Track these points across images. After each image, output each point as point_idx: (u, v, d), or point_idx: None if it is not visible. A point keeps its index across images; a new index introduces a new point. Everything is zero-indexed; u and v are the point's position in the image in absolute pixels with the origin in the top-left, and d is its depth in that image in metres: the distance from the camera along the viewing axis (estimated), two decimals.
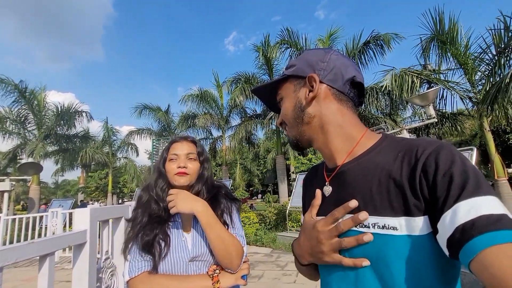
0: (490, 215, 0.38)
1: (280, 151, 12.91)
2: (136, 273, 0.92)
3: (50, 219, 6.00)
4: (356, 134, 0.61)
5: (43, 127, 13.82)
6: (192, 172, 1.04)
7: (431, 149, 0.48)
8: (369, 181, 0.53)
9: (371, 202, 0.52)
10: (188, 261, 0.94)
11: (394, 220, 0.48)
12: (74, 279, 1.01)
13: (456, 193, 0.41)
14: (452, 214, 0.41)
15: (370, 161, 0.56)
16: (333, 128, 0.61)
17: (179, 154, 1.04)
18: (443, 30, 6.04)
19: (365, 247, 0.51)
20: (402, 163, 0.51)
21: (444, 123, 7.60)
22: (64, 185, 43.98)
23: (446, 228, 0.41)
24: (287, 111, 0.66)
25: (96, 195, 28.54)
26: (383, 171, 0.53)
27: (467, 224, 0.39)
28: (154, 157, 11.66)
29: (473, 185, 0.41)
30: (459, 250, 0.39)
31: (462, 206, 0.40)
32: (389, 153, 0.55)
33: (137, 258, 0.95)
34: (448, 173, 0.44)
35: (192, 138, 1.12)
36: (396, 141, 0.57)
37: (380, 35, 8.78)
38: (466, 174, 0.43)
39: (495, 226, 0.37)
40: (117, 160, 18.94)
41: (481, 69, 6.04)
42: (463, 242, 0.38)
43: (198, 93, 14.16)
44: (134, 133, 16.97)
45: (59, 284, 4.16)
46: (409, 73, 6.45)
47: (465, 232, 0.38)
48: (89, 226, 1.07)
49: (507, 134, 13.27)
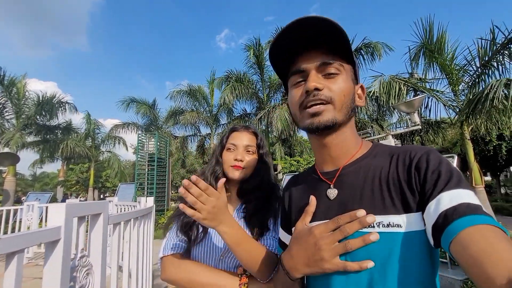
0: (469, 203, 0.43)
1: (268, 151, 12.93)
2: (168, 252, 0.89)
3: (26, 213, 5.72)
4: (358, 141, 0.66)
5: (22, 116, 13.18)
6: (248, 166, 0.98)
7: (422, 152, 0.54)
8: (370, 182, 0.57)
9: (373, 202, 0.54)
10: (220, 254, 0.88)
11: (397, 217, 0.51)
12: (45, 278, 0.95)
13: (441, 186, 0.47)
14: (436, 203, 0.46)
15: (368, 164, 0.60)
16: (351, 131, 0.65)
17: (237, 144, 0.99)
18: (431, 40, 6.22)
19: (369, 247, 0.51)
20: (398, 163, 0.55)
21: (428, 130, 7.85)
22: (43, 177, 42.23)
23: (431, 216, 0.46)
24: (342, 92, 0.58)
25: (76, 189, 27.59)
26: (382, 171, 0.56)
27: (449, 210, 0.43)
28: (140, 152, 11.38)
29: (456, 180, 0.47)
30: (441, 234, 0.43)
31: (445, 196, 0.45)
32: (384, 157, 0.59)
33: (173, 236, 0.91)
34: (436, 170, 0.50)
35: (253, 129, 1.05)
36: (387, 147, 0.63)
37: (371, 43, 8.96)
38: (451, 172, 0.49)
39: (473, 211, 0.42)
40: (100, 154, 18.31)
41: (465, 79, 6.28)
42: (445, 225, 0.43)
43: (187, 89, 13.95)
44: (119, 127, 16.47)
45: (33, 281, 3.98)
46: (397, 80, 6.60)
47: (447, 217, 0.43)
48: (64, 223, 1.00)
49: (487, 144, 13.89)
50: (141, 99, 15.77)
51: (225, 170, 0.98)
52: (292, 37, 0.57)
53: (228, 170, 0.97)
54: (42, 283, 0.93)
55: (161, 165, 10.67)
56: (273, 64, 0.66)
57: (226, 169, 0.98)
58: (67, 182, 25.62)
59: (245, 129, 1.03)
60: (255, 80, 12.49)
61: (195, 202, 0.67)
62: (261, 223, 0.92)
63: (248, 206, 0.97)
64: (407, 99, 6.13)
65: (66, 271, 0.99)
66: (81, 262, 1.14)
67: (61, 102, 14.39)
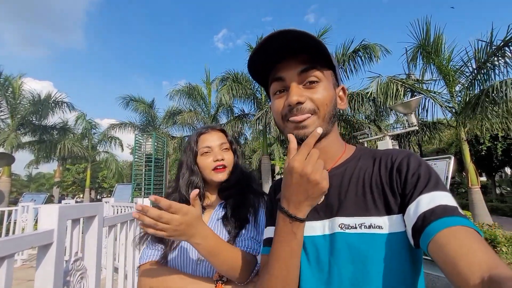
0: (446, 205, 0.45)
1: (266, 151, 12.92)
2: (144, 261, 0.88)
3: (20, 214, 5.64)
4: (343, 144, 0.68)
5: (17, 116, 13.05)
6: (229, 164, 0.97)
7: (403, 155, 0.56)
8: (354, 184, 0.58)
9: (356, 204, 0.55)
10: (197, 258, 0.87)
11: (379, 219, 0.52)
12: (37, 283, 0.92)
13: (420, 188, 0.49)
14: (415, 205, 0.47)
15: (353, 167, 0.61)
16: (337, 135, 0.66)
17: (212, 146, 0.96)
18: (428, 41, 6.27)
19: (351, 248, 0.52)
20: (380, 166, 0.57)
21: (424, 131, 7.89)
22: (38, 178, 41.85)
23: (411, 217, 0.47)
24: (325, 101, 0.58)
25: (73, 189, 27.36)
26: (366, 174, 0.58)
27: (427, 212, 0.45)
28: (137, 152, 11.31)
29: (433, 182, 0.49)
30: (420, 235, 0.45)
31: (424, 198, 0.47)
32: (368, 160, 0.61)
33: (149, 245, 0.90)
34: (416, 173, 0.51)
35: (220, 127, 1.04)
36: (370, 150, 0.65)
37: (369, 45, 8.98)
38: (430, 174, 0.51)
39: (450, 213, 0.44)
40: (97, 154, 18.17)
41: (461, 80, 6.32)
42: (424, 227, 0.44)
43: (186, 89, 13.90)
44: (115, 127, 16.35)
45: (27, 284, 3.92)
46: (395, 81, 6.64)
47: (425, 219, 0.45)
48: (57, 226, 0.98)
49: (481, 145, 14.00)
50: (140, 98, 15.70)
51: (206, 176, 0.96)
52: (272, 46, 0.56)
53: (210, 174, 0.94)
54: (34, 286, 0.91)
55: (159, 166, 10.63)
56: (252, 73, 0.65)
57: (208, 174, 0.95)
58: (64, 182, 25.41)
59: (212, 129, 1.01)
60: (253, 80, 12.47)
61: (154, 224, 0.62)
62: (242, 216, 0.92)
63: (228, 202, 0.96)
64: (404, 100, 6.16)
65: (59, 276, 0.97)
66: (75, 265, 1.12)
67: (58, 102, 14.27)
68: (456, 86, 6.35)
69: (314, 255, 0.58)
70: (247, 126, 13.67)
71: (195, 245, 0.71)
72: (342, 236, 0.54)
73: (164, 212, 0.63)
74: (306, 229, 0.59)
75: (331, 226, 0.57)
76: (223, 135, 1.01)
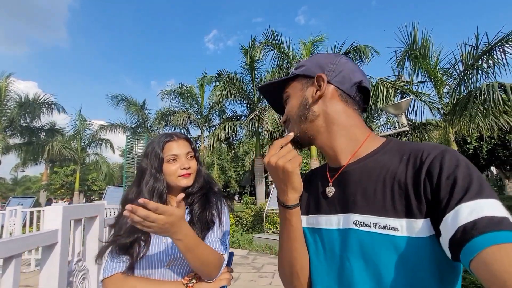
0: (492, 217, 0.39)
1: (259, 152, 12.93)
2: (110, 274, 0.87)
3: (8, 218, 5.48)
4: (360, 136, 0.62)
5: (3, 118, 12.66)
6: (194, 171, 1.02)
7: (436, 153, 0.49)
8: (374, 182, 0.55)
9: (374, 202, 0.53)
10: (166, 264, 0.90)
11: (395, 221, 0.50)
12: (41, 282, 0.92)
13: (459, 195, 0.42)
14: (454, 215, 0.42)
15: (375, 162, 0.57)
16: (338, 128, 0.62)
17: (178, 154, 1.00)
18: (416, 45, 6.44)
19: (363, 246, 0.52)
20: (407, 165, 0.52)
21: (414, 132, 8.08)
22: (24, 181, 40.59)
23: (448, 229, 0.42)
24: (293, 109, 0.67)
25: (61, 193, 26.65)
26: (388, 172, 0.54)
27: (468, 224, 0.39)
28: (128, 154, 11.14)
29: (476, 188, 0.42)
30: (460, 250, 0.40)
31: (464, 208, 0.41)
32: (394, 156, 0.56)
33: (113, 257, 0.89)
34: (452, 175, 0.45)
35: (185, 136, 1.08)
36: (401, 144, 0.58)
37: (359, 46, 9.15)
38: (470, 177, 0.43)
39: (496, 227, 0.38)
40: (86, 156, 17.77)
41: (448, 83, 6.52)
42: (464, 242, 0.39)
43: (178, 89, 13.79)
44: (106, 128, 16.05)
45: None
46: (385, 83, 6.78)
47: (466, 232, 0.39)
48: (61, 226, 0.98)
49: (468, 145, 14.44)
50: (131, 99, 15.48)
51: (171, 182, 0.99)
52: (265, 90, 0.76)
53: (176, 180, 0.98)
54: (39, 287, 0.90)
55: None
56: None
57: (174, 180, 0.98)
58: (51, 186, 24.72)
59: (179, 137, 1.05)
60: (246, 81, 12.49)
61: (142, 221, 0.70)
62: (207, 219, 0.98)
63: (193, 207, 1.00)
64: (394, 101, 6.30)
65: (64, 276, 0.97)
66: (78, 266, 1.11)
67: (45, 103, 13.92)
68: (444, 88, 6.54)
69: (329, 246, 0.60)
70: (240, 127, 13.65)
71: (176, 241, 0.79)
72: (356, 233, 0.54)
73: (151, 212, 0.70)
74: (323, 222, 0.63)
75: (345, 221, 0.57)
76: (188, 144, 1.06)
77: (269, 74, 11.70)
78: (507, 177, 18.38)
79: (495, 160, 15.31)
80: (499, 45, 5.30)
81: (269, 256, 5.57)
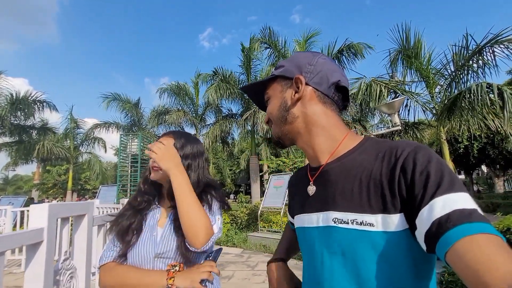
0: (463, 209, 0.41)
1: (254, 151, 12.94)
2: (104, 261, 0.92)
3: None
4: (339, 135, 0.63)
5: None
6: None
7: (409, 149, 0.51)
8: (351, 180, 0.56)
9: (351, 200, 0.55)
10: (154, 255, 0.92)
11: (371, 217, 0.51)
12: (26, 282, 0.91)
13: (432, 190, 0.44)
14: (428, 209, 0.43)
15: (352, 161, 0.59)
16: (316, 128, 0.63)
17: None
18: (409, 45, 6.50)
19: (341, 242, 0.54)
20: (382, 162, 0.53)
21: (407, 131, 8.17)
22: (15, 180, 39.93)
23: (424, 223, 0.43)
24: (273, 110, 0.68)
25: (53, 192, 26.31)
26: (365, 170, 0.55)
27: (442, 218, 0.41)
28: (122, 153, 11.03)
29: (447, 182, 0.44)
30: (436, 243, 0.41)
31: (437, 202, 0.43)
32: (370, 154, 0.57)
33: (109, 246, 0.95)
34: (425, 171, 0.46)
35: (173, 133, 1.06)
36: (377, 142, 0.60)
37: (353, 44, 9.21)
38: (442, 172, 0.45)
39: (467, 219, 0.40)
40: (79, 155, 17.53)
41: (440, 82, 6.61)
42: (439, 235, 0.41)
43: (174, 87, 13.70)
44: (99, 127, 15.84)
45: None
46: (378, 82, 6.84)
47: (441, 226, 0.41)
48: (46, 224, 0.97)
49: (459, 143, 14.67)
50: (125, 97, 15.30)
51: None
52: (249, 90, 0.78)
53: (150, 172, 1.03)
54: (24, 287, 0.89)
55: (145, 167, 10.38)
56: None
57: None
58: (44, 185, 24.38)
59: (165, 134, 1.07)
60: (242, 80, 12.46)
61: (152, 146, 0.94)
62: None
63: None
64: (387, 100, 6.36)
65: (49, 275, 0.96)
66: (65, 265, 1.10)
67: (37, 101, 13.68)
68: (436, 88, 6.62)
69: (311, 244, 0.62)
70: (235, 126, 13.64)
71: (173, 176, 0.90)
72: (335, 230, 0.55)
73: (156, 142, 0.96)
74: (306, 220, 0.64)
75: (325, 219, 0.59)
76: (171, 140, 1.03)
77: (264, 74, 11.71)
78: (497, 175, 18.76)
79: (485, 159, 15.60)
80: (488, 46, 5.39)
81: (264, 255, 5.59)
